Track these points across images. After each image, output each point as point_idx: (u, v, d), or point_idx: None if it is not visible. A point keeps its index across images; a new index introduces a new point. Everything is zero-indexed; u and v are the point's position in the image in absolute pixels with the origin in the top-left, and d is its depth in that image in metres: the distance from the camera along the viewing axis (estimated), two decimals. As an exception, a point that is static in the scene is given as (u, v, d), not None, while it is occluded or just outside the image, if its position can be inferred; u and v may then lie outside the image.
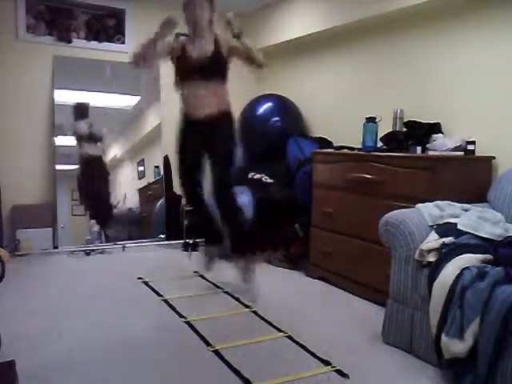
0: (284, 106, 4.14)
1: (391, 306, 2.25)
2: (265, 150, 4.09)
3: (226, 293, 2.95)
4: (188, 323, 2.48)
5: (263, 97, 4.27)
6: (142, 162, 4.48)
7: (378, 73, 3.50)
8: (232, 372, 1.97)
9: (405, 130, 3.00)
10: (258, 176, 3.93)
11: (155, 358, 2.11)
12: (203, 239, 3.32)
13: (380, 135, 3.03)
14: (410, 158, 2.70)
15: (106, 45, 4.23)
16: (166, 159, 4.42)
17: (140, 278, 3.21)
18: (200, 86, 2.79)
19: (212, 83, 2.80)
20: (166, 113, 4.48)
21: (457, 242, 2.04)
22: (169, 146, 4.46)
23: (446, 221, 2.19)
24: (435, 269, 1.96)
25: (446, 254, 1.98)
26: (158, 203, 4.39)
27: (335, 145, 3.48)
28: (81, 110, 4.12)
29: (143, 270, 3.40)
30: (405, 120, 3.05)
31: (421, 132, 2.88)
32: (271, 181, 3.83)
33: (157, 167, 4.44)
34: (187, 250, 4.04)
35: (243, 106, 4.28)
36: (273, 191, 3.77)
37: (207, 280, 3.23)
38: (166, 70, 4.33)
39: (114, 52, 4.23)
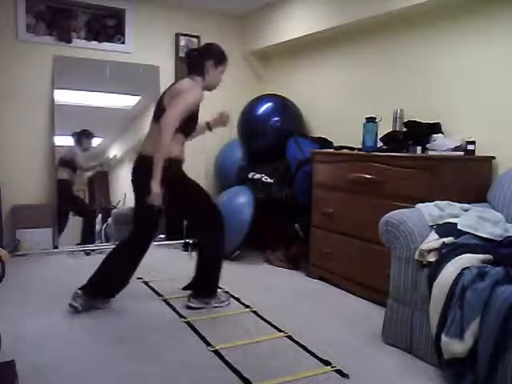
0: (284, 106, 4.14)
1: (391, 305, 2.26)
2: (265, 150, 4.09)
3: (226, 292, 2.95)
4: (188, 323, 2.48)
5: (263, 97, 4.27)
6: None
7: (378, 73, 3.50)
8: (232, 372, 1.97)
9: (405, 130, 3.00)
10: (257, 176, 3.93)
11: (155, 357, 2.11)
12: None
13: (380, 135, 3.02)
14: (410, 157, 2.70)
15: (106, 45, 4.22)
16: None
17: (140, 278, 3.21)
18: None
19: None
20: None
21: (457, 242, 2.04)
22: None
23: (445, 221, 2.19)
24: (435, 269, 1.96)
25: (446, 254, 1.98)
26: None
27: (335, 145, 3.47)
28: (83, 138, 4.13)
29: (143, 270, 3.38)
30: (405, 120, 3.05)
31: (421, 132, 2.88)
32: (271, 181, 3.83)
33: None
34: (187, 250, 4.04)
35: (243, 106, 4.28)
36: (273, 191, 3.77)
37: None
38: (167, 71, 4.38)
39: (114, 52, 4.23)
